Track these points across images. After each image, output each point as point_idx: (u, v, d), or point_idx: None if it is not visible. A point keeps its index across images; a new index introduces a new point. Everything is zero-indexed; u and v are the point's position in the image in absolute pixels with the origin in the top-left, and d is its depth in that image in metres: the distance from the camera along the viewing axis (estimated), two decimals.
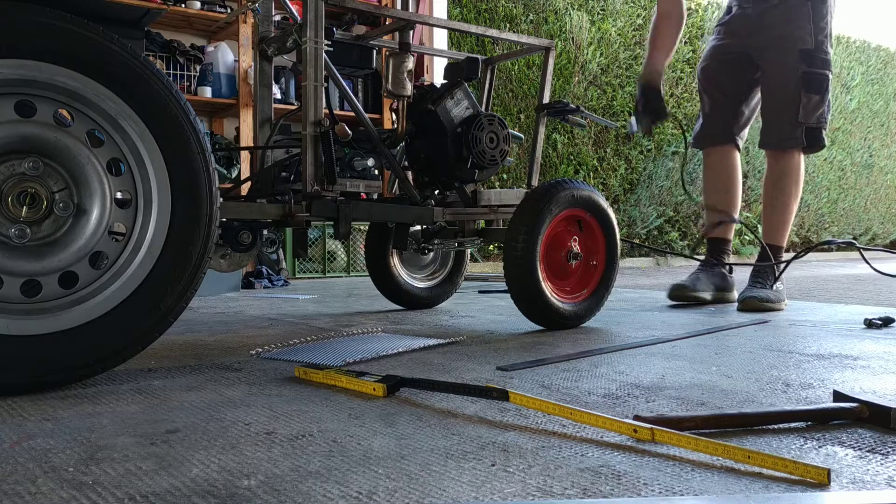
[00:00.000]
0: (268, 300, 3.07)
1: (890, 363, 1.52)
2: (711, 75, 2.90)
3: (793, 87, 2.63)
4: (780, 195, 2.73)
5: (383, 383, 1.20)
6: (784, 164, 2.71)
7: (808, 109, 2.62)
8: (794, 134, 2.65)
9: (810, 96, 2.61)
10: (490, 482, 0.79)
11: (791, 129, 2.65)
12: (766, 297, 2.59)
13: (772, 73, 2.71)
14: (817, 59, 2.63)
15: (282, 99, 4.62)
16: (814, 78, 2.62)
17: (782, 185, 2.73)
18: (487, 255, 6.08)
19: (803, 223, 8.83)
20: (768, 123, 2.74)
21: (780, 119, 2.68)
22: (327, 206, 1.87)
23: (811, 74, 2.62)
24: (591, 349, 1.69)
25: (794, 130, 2.64)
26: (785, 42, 2.65)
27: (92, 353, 1.24)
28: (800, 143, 2.66)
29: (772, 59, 2.69)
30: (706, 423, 0.99)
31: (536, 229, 1.95)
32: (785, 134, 2.67)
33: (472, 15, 6.02)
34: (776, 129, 2.70)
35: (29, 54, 1.17)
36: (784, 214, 2.75)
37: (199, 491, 0.76)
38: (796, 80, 2.62)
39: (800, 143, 2.66)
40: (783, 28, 2.65)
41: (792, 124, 2.64)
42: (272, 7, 2.16)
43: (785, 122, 2.66)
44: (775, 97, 2.70)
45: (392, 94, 2.02)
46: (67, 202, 1.24)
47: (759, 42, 2.71)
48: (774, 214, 2.77)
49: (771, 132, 2.73)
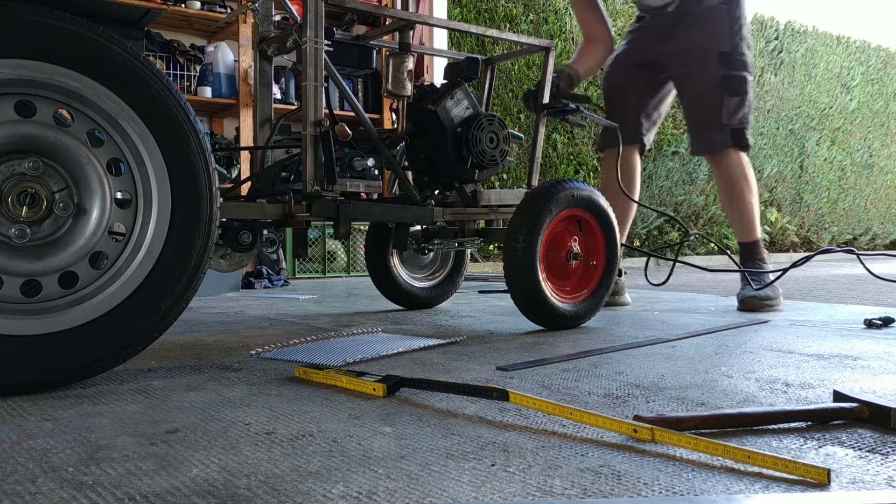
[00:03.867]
0: (268, 300, 3.07)
1: (890, 363, 1.52)
2: (616, 79, 2.91)
3: (714, 92, 2.66)
4: (735, 197, 2.75)
5: (383, 383, 1.20)
6: (727, 168, 2.73)
7: (730, 111, 2.65)
8: (720, 137, 2.68)
9: (731, 98, 2.65)
10: (490, 482, 0.79)
11: (716, 132, 2.68)
12: (765, 295, 2.59)
13: (692, 78, 2.73)
14: (736, 61, 2.66)
15: (282, 99, 4.62)
16: (733, 80, 2.65)
17: (732, 187, 2.75)
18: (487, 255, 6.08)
19: (803, 223, 8.83)
20: (694, 129, 2.79)
21: (704, 124, 2.71)
22: (327, 206, 1.87)
23: (730, 77, 2.65)
24: (591, 349, 1.69)
25: (719, 133, 2.68)
26: (703, 46, 2.67)
27: (92, 353, 1.24)
28: (727, 144, 2.69)
29: (691, 64, 2.71)
30: (706, 423, 0.99)
31: (536, 229, 1.95)
32: (711, 138, 2.71)
33: (472, 15, 6.02)
34: (702, 134, 2.74)
35: (29, 54, 1.17)
36: (746, 213, 2.75)
37: (199, 491, 0.76)
38: (717, 84, 2.65)
39: (727, 145, 2.69)
40: (700, 32, 2.67)
41: (716, 128, 2.67)
42: (272, 7, 2.16)
43: (709, 126, 2.69)
44: (698, 102, 2.73)
45: (392, 94, 2.02)
46: (67, 202, 1.24)
47: (676, 47, 2.73)
48: (737, 215, 2.77)
49: (698, 138, 2.77)
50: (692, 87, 2.74)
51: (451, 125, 2.08)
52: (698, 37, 2.68)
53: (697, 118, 2.75)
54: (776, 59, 8.40)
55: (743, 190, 2.72)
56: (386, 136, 2.11)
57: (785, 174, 8.53)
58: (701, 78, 2.69)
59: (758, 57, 8.19)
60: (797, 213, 8.76)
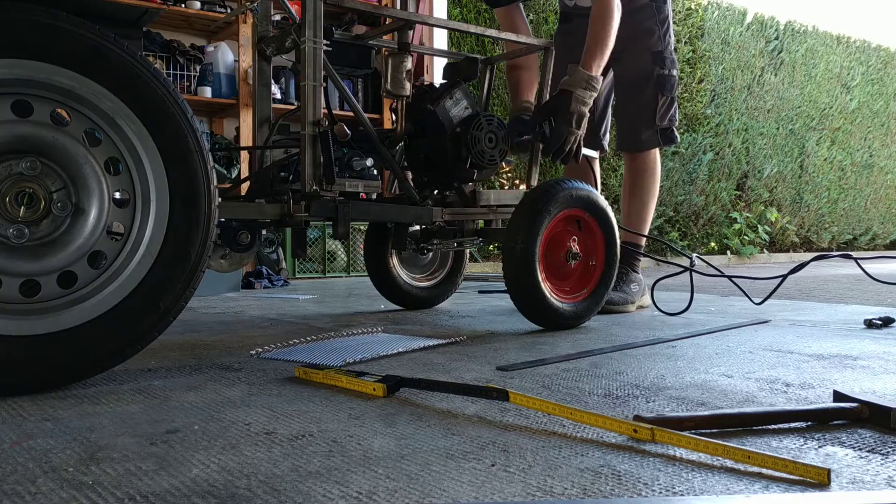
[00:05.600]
0: (268, 300, 3.07)
1: (890, 363, 1.52)
2: None
3: (649, 91, 2.66)
4: (639, 192, 2.75)
5: (383, 383, 1.20)
6: (641, 163, 2.75)
7: (662, 111, 2.67)
8: (651, 136, 2.70)
9: (664, 98, 2.66)
10: (490, 482, 0.79)
11: (647, 131, 2.69)
12: (608, 299, 2.48)
13: (628, 75, 2.72)
14: (667, 59, 2.67)
15: (281, 99, 4.62)
16: (667, 80, 2.67)
17: (641, 182, 2.75)
18: (487, 255, 6.08)
19: (803, 223, 8.83)
20: (626, 126, 2.77)
21: (638, 122, 2.71)
22: (326, 206, 1.87)
23: (663, 76, 2.66)
24: (591, 349, 1.69)
25: (652, 133, 2.69)
26: (636, 43, 2.66)
27: (91, 353, 1.24)
28: (657, 143, 2.71)
29: (626, 61, 2.69)
30: (706, 423, 0.99)
31: (535, 229, 1.95)
32: (643, 136, 2.71)
33: (472, 15, 6.03)
34: (634, 131, 2.73)
35: (26, 54, 1.17)
36: (643, 212, 2.76)
37: (199, 491, 0.76)
38: (653, 83, 2.65)
39: (657, 144, 2.72)
40: (633, 31, 2.64)
41: (649, 126, 2.68)
42: (271, 7, 2.16)
43: (643, 124, 2.69)
44: (633, 100, 2.72)
45: (391, 94, 2.02)
46: (65, 202, 1.24)
47: None
48: (633, 211, 2.77)
49: (629, 135, 2.76)
50: (627, 84, 2.73)
51: (450, 125, 2.08)
52: (631, 35, 2.64)
53: (630, 115, 2.75)
54: (776, 59, 8.40)
55: (650, 187, 2.76)
56: (385, 136, 2.11)
57: (785, 174, 8.53)
58: (636, 76, 2.69)
59: (758, 57, 8.19)
60: (797, 213, 8.76)
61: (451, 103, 2.09)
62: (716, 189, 7.77)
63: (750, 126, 8.12)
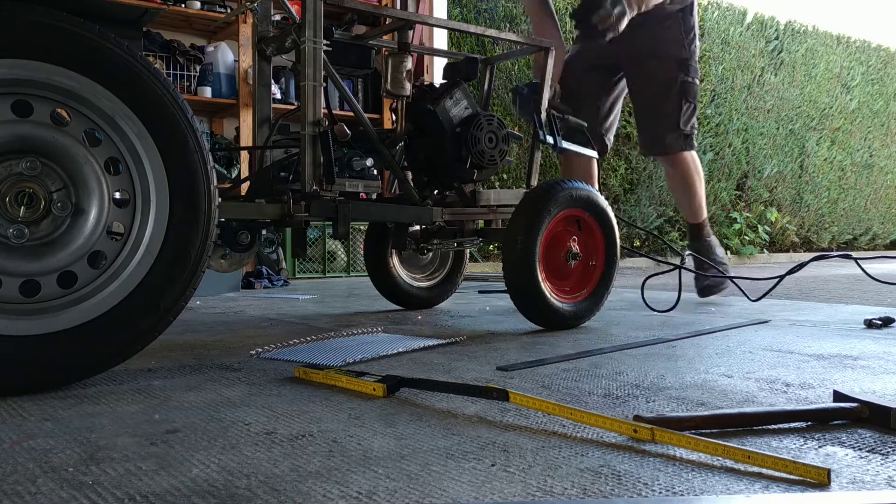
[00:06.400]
0: (268, 300, 3.07)
1: (890, 363, 1.52)
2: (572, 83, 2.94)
3: (674, 97, 2.76)
4: (689, 189, 2.95)
5: (383, 383, 1.20)
6: (684, 166, 2.89)
7: (686, 117, 2.79)
8: (676, 141, 2.82)
9: (689, 104, 2.78)
10: (490, 482, 0.79)
11: (672, 135, 2.81)
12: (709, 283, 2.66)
13: (653, 81, 2.81)
14: (691, 67, 2.78)
15: (281, 99, 4.61)
16: (690, 87, 2.78)
17: (686, 180, 2.93)
18: (487, 255, 6.07)
19: (804, 223, 8.83)
20: (649, 130, 2.89)
21: (662, 127, 2.82)
22: (326, 206, 1.87)
23: (687, 84, 2.77)
24: (591, 349, 1.69)
25: (676, 138, 2.81)
26: (662, 51, 2.76)
27: (91, 353, 1.24)
28: (680, 147, 2.83)
29: (652, 68, 2.79)
30: (706, 423, 0.99)
31: (535, 229, 1.95)
32: (668, 141, 2.83)
33: (472, 15, 6.02)
34: (659, 136, 2.85)
35: (26, 54, 1.17)
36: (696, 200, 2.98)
37: (199, 491, 0.76)
38: (677, 90, 2.75)
39: (680, 148, 2.84)
40: (658, 38, 2.75)
41: (674, 132, 2.80)
42: (271, 7, 2.16)
43: (668, 130, 2.80)
44: (657, 106, 2.82)
45: (391, 94, 2.02)
46: (65, 202, 1.24)
47: (634, 51, 2.79)
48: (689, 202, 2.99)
49: (654, 140, 2.88)
50: (653, 90, 2.83)
51: (450, 125, 2.08)
52: (658, 42, 2.76)
53: (654, 120, 2.85)
54: (776, 59, 8.40)
55: (695, 182, 2.94)
56: (385, 136, 2.11)
57: (785, 174, 8.53)
58: (662, 82, 2.78)
59: (758, 57, 8.19)
60: (797, 213, 8.76)
61: (451, 103, 2.09)
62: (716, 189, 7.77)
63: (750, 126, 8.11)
